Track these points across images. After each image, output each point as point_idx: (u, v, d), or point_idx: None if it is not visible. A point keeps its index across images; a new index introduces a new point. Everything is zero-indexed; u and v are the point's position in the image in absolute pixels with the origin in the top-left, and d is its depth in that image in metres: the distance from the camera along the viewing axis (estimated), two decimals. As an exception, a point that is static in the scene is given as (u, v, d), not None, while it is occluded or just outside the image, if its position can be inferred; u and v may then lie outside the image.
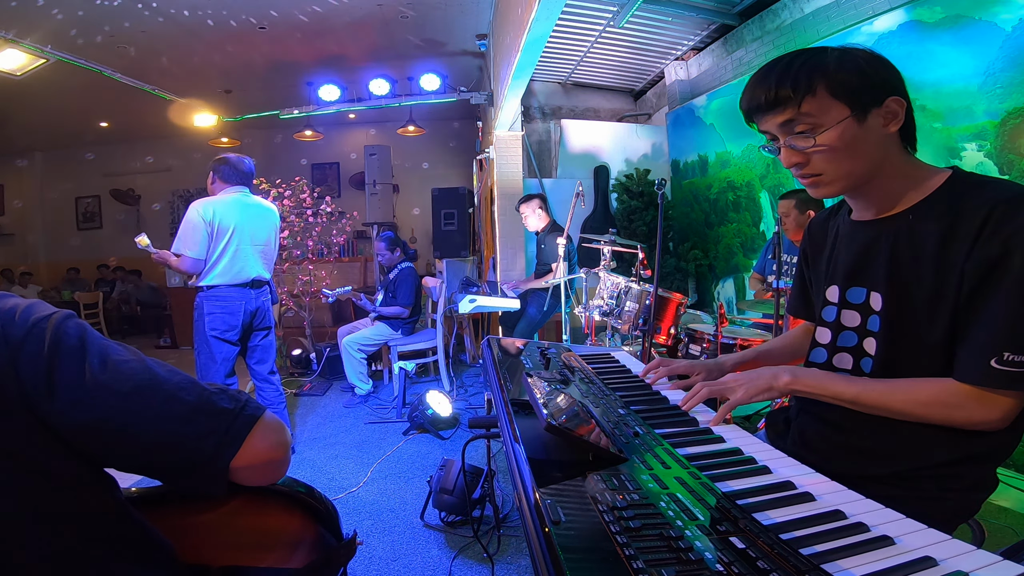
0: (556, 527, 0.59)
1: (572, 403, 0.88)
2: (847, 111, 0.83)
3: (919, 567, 0.56)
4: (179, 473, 0.67)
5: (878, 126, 0.85)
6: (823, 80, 0.83)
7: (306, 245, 5.20)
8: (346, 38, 5.13)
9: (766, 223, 4.31)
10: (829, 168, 0.87)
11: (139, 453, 0.65)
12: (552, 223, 4.00)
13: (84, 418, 0.61)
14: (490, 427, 1.30)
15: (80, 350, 0.63)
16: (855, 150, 0.85)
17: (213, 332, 2.66)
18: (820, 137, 0.85)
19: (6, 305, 0.63)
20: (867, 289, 0.94)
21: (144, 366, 0.66)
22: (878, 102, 0.84)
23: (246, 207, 2.79)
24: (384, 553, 2.05)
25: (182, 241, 2.59)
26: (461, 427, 3.34)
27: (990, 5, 2.55)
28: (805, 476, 0.79)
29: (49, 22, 4.26)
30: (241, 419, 0.68)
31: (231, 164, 2.79)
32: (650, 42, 5.08)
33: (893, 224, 0.90)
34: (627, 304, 2.85)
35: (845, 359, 0.99)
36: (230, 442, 0.66)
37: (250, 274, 2.78)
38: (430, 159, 8.55)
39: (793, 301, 1.25)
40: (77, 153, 8.70)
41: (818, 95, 0.83)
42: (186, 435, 0.65)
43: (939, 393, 0.83)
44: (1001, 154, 2.52)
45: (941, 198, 0.86)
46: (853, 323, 0.97)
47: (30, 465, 0.60)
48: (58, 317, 0.64)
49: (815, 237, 1.12)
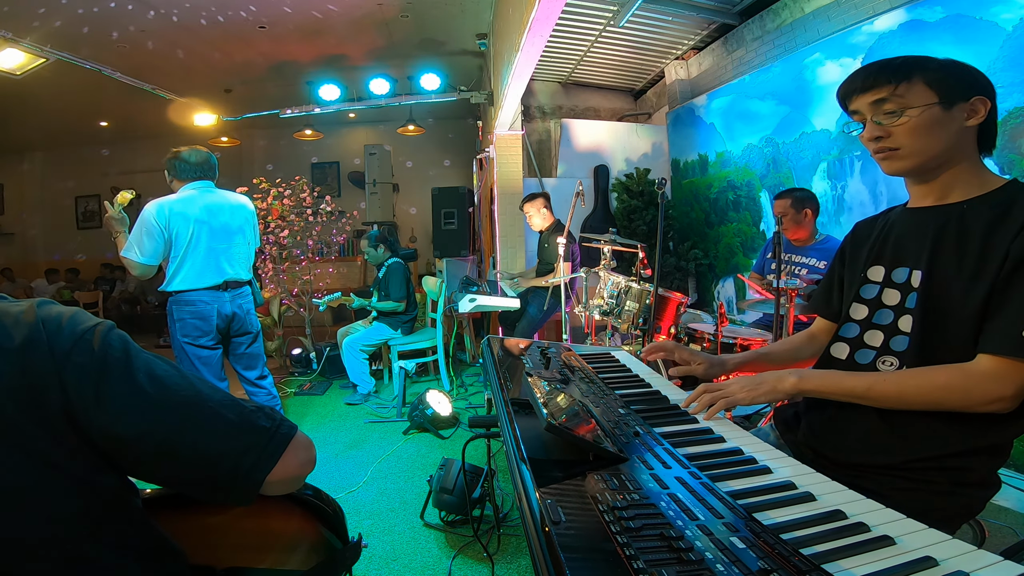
0: (556, 527, 0.58)
1: (572, 403, 0.88)
2: (935, 98, 0.91)
3: (920, 567, 0.56)
4: (214, 487, 0.68)
5: (960, 118, 0.92)
6: (920, 72, 0.92)
7: (306, 244, 5.20)
8: (346, 38, 5.12)
9: (766, 223, 4.31)
10: (907, 142, 0.94)
11: (177, 466, 0.66)
12: (556, 223, 4.00)
13: (129, 430, 0.62)
14: (490, 427, 1.30)
15: (126, 362, 0.64)
16: (934, 132, 0.92)
17: (186, 339, 2.50)
18: (906, 113, 0.93)
19: (51, 313, 0.63)
20: (910, 268, 0.98)
21: (188, 382, 0.68)
22: (965, 98, 0.92)
23: (209, 203, 2.57)
24: (384, 552, 2.05)
25: (132, 244, 2.40)
26: (461, 427, 3.34)
27: (990, 5, 2.55)
28: (806, 476, 0.79)
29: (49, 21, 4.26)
30: (278, 437, 0.70)
31: (182, 159, 2.56)
32: (650, 42, 5.08)
33: (946, 210, 0.96)
34: (627, 304, 2.84)
35: (876, 336, 1.01)
36: (267, 459, 0.68)
37: (223, 275, 2.58)
38: (430, 158, 8.55)
39: (817, 296, 1.26)
40: (77, 152, 8.69)
41: (913, 82, 0.92)
42: (226, 451, 0.67)
43: (953, 376, 0.86)
44: (1001, 154, 2.52)
45: (997, 195, 0.92)
46: (892, 301, 1.00)
47: (65, 473, 0.60)
48: (103, 329, 0.65)
49: (859, 237, 1.16)
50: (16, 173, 8.83)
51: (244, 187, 3.80)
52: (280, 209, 4.96)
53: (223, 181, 2.76)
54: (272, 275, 4.98)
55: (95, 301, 7.65)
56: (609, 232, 3.14)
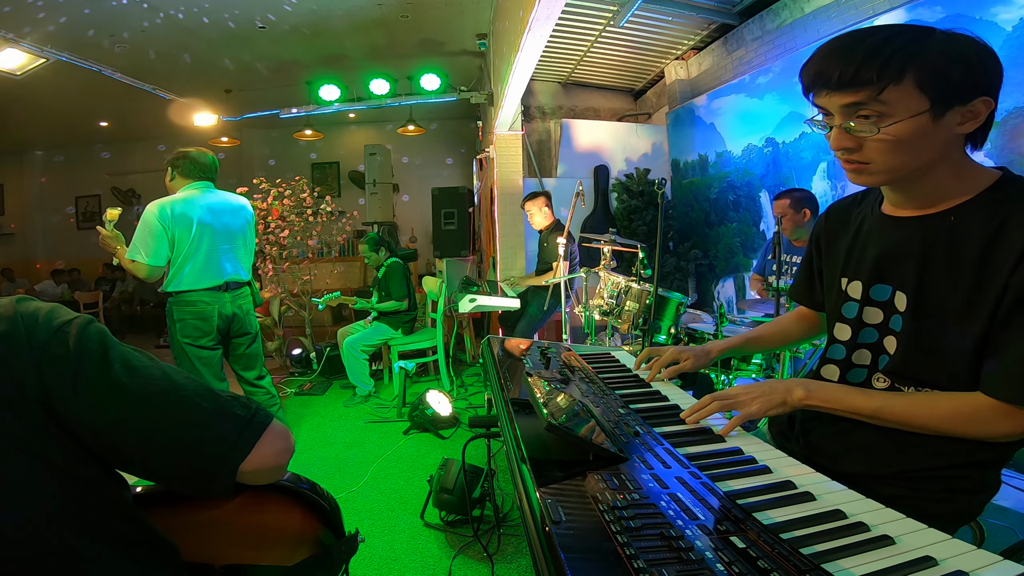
0: (556, 527, 0.59)
1: (572, 403, 0.88)
2: (926, 105, 0.74)
3: (919, 567, 0.56)
4: (189, 476, 0.69)
5: (952, 124, 0.77)
6: (917, 68, 0.73)
7: (306, 245, 5.20)
8: (346, 38, 5.12)
9: (766, 223, 4.31)
10: (880, 159, 0.80)
11: (153, 455, 0.67)
12: (556, 222, 4.01)
13: (106, 420, 0.63)
14: (490, 427, 1.30)
15: (103, 354, 0.65)
16: (916, 146, 0.77)
17: (186, 340, 2.49)
18: (886, 128, 0.76)
19: (28, 308, 0.65)
20: (893, 288, 0.90)
21: (163, 372, 0.69)
22: (965, 100, 0.75)
23: (211, 204, 2.58)
24: (384, 552, 2.05)
25: (137, 246, 2.39)
26: (461, 427, 3.34)
27: (990, 5, 2.55)
28: (805, 476, 0.79)
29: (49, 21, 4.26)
30: (252, 426, 0.71)
31: (191, 159, 2.57)
32: (650, 42, 5.08)
33: (932, 224, 0.84)
34: (627, 304, 2.84)
35: (864, 355, 0.96)
36: (242, 447, 0.69)
37: (224, 276, 2.58)
38: (430, 158, 8.55)
39: (797, 286, 1.20)
40: (77, 152, 8.70)
41: (903, 84, 0.74)
42: (201, 440, 0.68)
43: (963, 407, 0.80)
44: (1001, 154, 2.52)
45: (988, 201, 0.80)
46: (875, 320, 0.93)
47: (47, 464, 0.61)
48: (80, 321, 0.67)
49: (833, 223, 1.06)
50: (16, 173, 8.84)
51: (244, 187, 3.81)
52: (280, 209, 4.96)
53: (223, 181, 2.76)
54: (272, 275, 4.98)
55: (95, 301, 7.65)
56: (609, 232, 3.15)
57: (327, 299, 4.17)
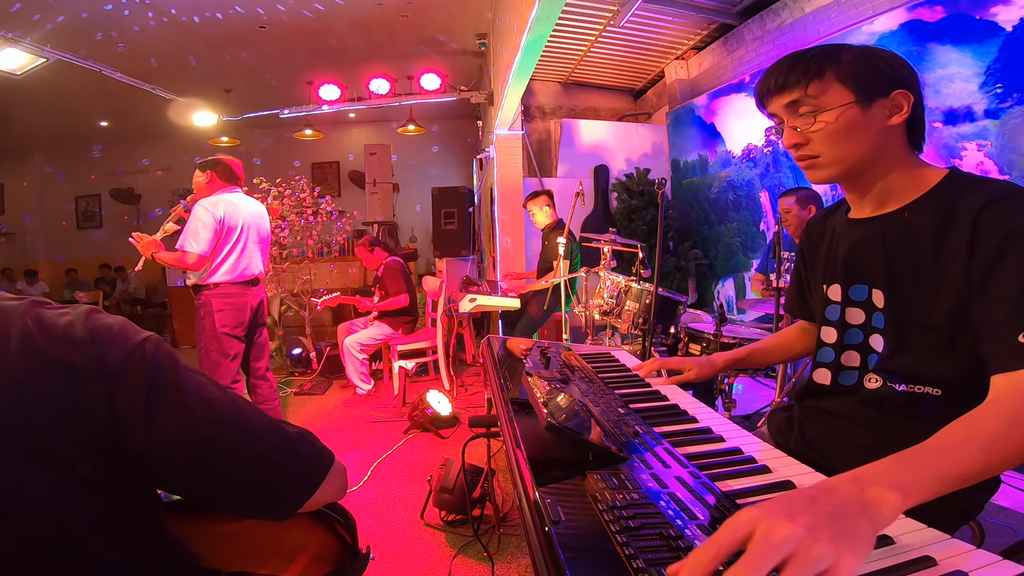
0: (556, 526, 0.59)
1: (572, 402, 0.88)
2: (851, 97, 0.85)
3: (919, 567, 0.56)
4: (254, 508, 0.70)
5: (882, 116, 0.86)
6: (832, 66, 0.86)
7: (306, 244, 5.20)
8: (346, 38, 5.13)
9: (766, 223, 4.31)
10: (826, 150, 0.88)
11: (222, 488, 0.67)
12: (558, 221, 4.01)
13: (175, 453, 0.62)
14: (490, 426, 1.30)
15: (176, 386, 0.64)
16: (854, 135, 0.86)
17: (224, 328, 2.68)
18: (821, 117, 0.86)
19: (98, 324, 0.62)
20: (869, 286, 0.94)
21: (236, 407, 0.68)
22: (884, 93, 0.85)
23: (252, 208, 2.88)
24: (384, 552, 2.05)
25: (191, 237, 2.61)
26: (461, 427, 3.34)
27: (990, 5, 2.55)
28: (805, 476, 0.79)
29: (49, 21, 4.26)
30: (319, 466, 0.72)
31: (226, 165, 2.85)
32: (650, 42, 5.08)
33: (888, 221, 0.91)
34: (627, 304, 2.84)
35: (853, 357, 0.98)
36: (308, 486, 0.71)
37: (254, 271, 2.83)
38: (430, 158, 8.55)
39: (790, 300, 1.25)
40: (77, 152, 8.69)
41: (825, 78, 0.86)
42: (270, 477, 0.68)
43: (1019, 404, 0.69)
44: (1001, 154, 2.52)
45: (937, 196, 0.86)
46: (858, 320, 0.97)
47: (100, 490, 0.60)
48: (150, 345, 0.64)
49: (812, 237, 1.12)
50: (16, 173, 8.84)
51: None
52: (280, 209, 4.96)
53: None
54: (272, 275, 4.98)
55: (95, 301, 7.64)
56: (609, 232, 3.14)
57: (326, 299, 4.18)
